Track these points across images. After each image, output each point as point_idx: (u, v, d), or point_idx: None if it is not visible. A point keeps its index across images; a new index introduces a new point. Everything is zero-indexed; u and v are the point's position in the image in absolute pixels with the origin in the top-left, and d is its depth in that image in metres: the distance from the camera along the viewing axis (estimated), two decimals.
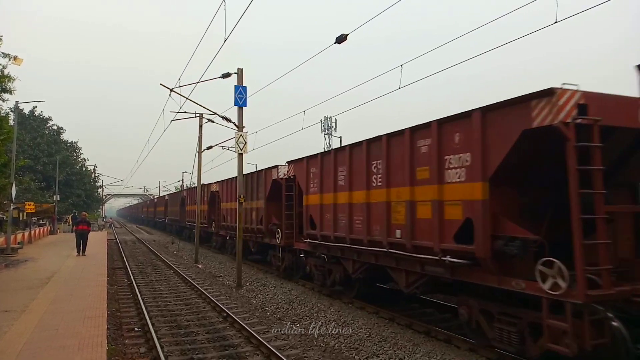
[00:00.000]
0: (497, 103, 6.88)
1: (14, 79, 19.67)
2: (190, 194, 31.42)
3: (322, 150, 13.35)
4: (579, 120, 5.90)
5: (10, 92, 19.95)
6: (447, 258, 7.50)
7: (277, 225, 15.34)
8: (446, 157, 7.73)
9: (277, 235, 15.23)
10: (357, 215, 10.31)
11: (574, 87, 6.04)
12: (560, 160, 6.04)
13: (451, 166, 7.62)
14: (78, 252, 19.90)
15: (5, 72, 19.27)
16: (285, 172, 14.64)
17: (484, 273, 7.18)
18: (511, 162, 6.68)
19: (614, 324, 5.76)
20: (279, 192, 15.00)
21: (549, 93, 6.05)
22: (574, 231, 5.83)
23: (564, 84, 6.03)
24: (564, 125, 5.88)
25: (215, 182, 25.24)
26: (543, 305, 6.23)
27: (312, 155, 12.82)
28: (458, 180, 7.47)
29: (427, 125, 8.17)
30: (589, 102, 6.02)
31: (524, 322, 6.76)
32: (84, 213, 22.32)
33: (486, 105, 7.04)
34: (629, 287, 6.12)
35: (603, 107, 6.09)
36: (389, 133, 9.27)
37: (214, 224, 25.35)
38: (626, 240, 6.82)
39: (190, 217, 30.12)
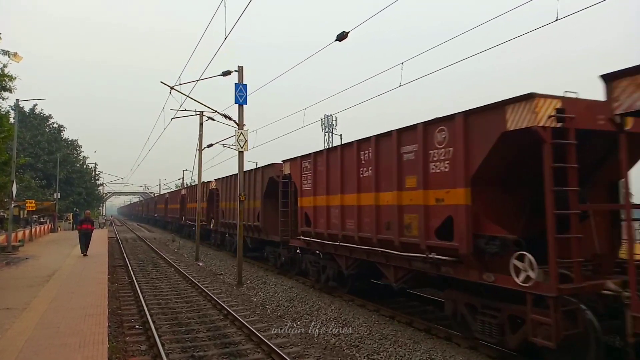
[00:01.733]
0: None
1: (14, 78, 19.69)
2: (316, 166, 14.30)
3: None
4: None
5: (10, 90, 19.96)
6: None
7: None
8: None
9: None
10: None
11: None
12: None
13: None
14: (83, 252, 19.40)
15: (6, 70, 19.27)
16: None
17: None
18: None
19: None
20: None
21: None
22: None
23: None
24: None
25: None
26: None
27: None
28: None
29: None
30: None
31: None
32: (88, 211, 22.15)
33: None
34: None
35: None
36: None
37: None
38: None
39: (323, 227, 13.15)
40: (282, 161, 15.04)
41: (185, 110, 21.38)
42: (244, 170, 16.59)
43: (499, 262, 6.99)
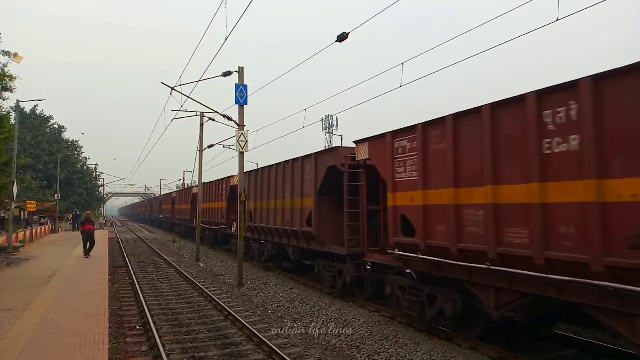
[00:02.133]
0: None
1: (15, 78, 19.70)
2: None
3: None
4: None
5: (11, 90, 19.97)
6: None
7: None
8: None
9: None
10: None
11: None
12: None
13: None
14: (84, 253, 19.26)
15: (6, 70, 19.28)
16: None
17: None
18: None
19: None
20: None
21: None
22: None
23: None
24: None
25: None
26: None
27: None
28: None
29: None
30: None
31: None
32: (88, 212, 22.15)
33: None
34: None
35: None
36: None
37: None
38: None
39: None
40: (356, 142, 10.84)
41: (186, 110, 21.40)
42: (299, 155, 14.22)
43: None
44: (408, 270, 9.04)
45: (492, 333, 8.13)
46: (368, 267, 10.64)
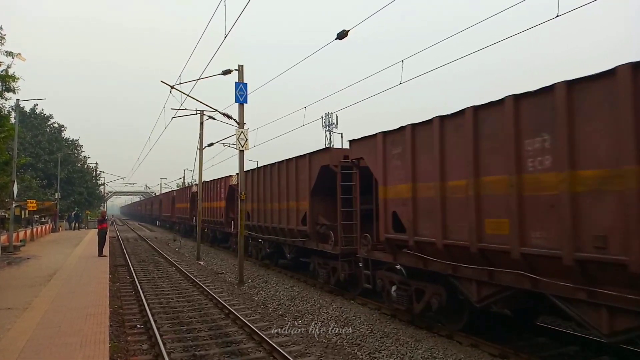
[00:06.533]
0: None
1: (18, 79, 19.65)
2: None
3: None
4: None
5: (14, 91, 19.92)
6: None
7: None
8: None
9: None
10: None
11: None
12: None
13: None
14: (101, 253, 19.20)
15: (10, 71, 19.22)
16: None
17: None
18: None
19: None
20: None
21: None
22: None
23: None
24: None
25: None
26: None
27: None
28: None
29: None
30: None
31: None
32: (104, 210, 22.03)
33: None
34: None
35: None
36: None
37: None
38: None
39: None
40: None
41: (186, 109, 21.40)
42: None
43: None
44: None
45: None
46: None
